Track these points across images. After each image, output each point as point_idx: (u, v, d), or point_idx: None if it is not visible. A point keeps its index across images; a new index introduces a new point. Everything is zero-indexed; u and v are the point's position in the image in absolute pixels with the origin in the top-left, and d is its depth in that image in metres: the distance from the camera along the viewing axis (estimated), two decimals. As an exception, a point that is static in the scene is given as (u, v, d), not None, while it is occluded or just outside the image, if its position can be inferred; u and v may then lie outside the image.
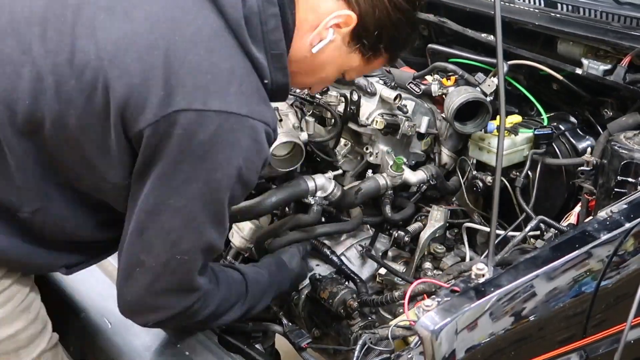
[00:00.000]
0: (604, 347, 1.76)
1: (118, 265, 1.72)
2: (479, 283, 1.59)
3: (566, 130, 2.43)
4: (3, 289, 1.80)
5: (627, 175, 1.98)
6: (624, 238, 1.71)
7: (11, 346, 1.84)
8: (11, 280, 1.81)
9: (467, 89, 2.37)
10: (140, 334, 2.03)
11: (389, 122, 2.39)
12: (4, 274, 1.80)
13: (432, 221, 2.43)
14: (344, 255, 2.43)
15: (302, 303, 2.36)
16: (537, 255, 1.68)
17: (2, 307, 1.80)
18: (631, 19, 2.39)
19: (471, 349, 1.53)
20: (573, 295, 1.67)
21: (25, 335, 1.86)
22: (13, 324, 1.83)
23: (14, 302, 1.82)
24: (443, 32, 2.87)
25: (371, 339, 1.75)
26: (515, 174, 2.38)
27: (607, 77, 2.31)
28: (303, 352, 2.07)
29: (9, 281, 1.81)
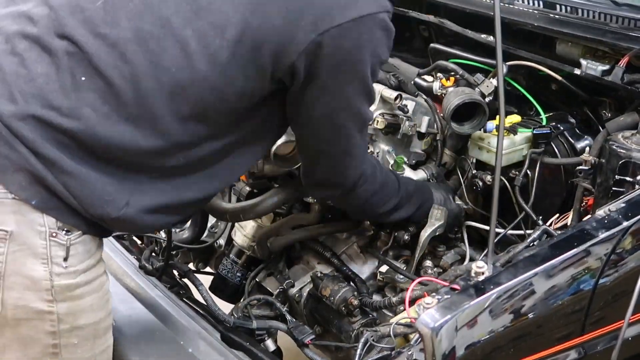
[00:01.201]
0: (602, 344, 1.77)
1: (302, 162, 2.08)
2: (478, 281, 1.60)
3: (565, 130, 2.42)
4: (98, 276, 1.84)
5: (625, 174, 1.98)
6: (622, 236, 1.72)
7: (91, 333, 1.86)
8: (103, 270, 1.87)
9: (464, 90, 2.38)
10: (144, 331, 2.06)
11: (390, 122, 2.40)
12: (98, 261, 1.85)
13: (432, 220, 2.44)
14: (344, 254, 2.45)
15: (303, 301, 2.38)
16: (536, 253, 1.68)
17: (97, 293, 1.84)
18: (629, 20, 2.39)
19: (471, 346, 1.55)
20: (572, 292, 1.68)
21: (103, 325, 1.89)
22: (98, 312, 1.86)
23: (103, 291, 1.87)
24: (443, 32, 2.87)
25: (373, 336, 1.77)
26: (515, 173, 2.38)
27: (605, 77, 2.31)
28: (306, 348, 2.08)
29: (102, 269, 1.87)
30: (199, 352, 1.96)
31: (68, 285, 1.75)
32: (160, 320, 2.08)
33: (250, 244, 2.51)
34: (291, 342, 2.19)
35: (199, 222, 2.66)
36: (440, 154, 2.53)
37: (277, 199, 2.23)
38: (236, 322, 2.17)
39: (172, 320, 2.08)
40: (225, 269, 2.60)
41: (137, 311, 2.13)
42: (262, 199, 2.25)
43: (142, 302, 2.16)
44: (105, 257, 2.26)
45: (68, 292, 1.76)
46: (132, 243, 2.81)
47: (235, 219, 2.30)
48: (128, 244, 2.69)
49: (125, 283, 2.23)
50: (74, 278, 1.76)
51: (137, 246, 2.82)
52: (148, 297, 2.18)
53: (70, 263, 1.74)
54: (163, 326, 2.05)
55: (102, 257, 1.86)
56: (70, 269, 1.75)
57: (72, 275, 1.75)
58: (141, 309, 2.13)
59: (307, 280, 2.40)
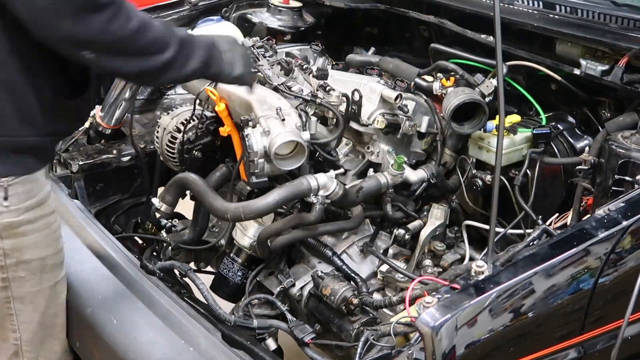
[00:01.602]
0: (602, 343, 1.78)
1: None
2: (478, 280, 1.60)
3: (564, 130, 2.43)
4: (42, 216, 2.00)
5: (625, 174, 1.99)
6: (621, 236, 1.73)
7: (37, 267, 2.04)
8: (49, 211, 2.03)
9: (464, 90, 2.39)
10: (146, 330, 2.06)
11: (390, 122, 2.41)
12: (45, 200, 2.01)
13: (432, 219, 2.46)
14: (345, 253, 2.46)
15: (304, 300, 2.39)
16: (536, 252, 1.69)
17: (41, 231, 2.02)
18: (628, 21, 2.40)
19: (471, 344, 1.55)
20: (571, 292, 1.69)
21: (50, 261, 2.08)
22: (44, 249, 2.05)
23: (50, 230, 2.05)
24: (443, 33, 2.88)
25: (373, 335, 1.78)
26: (514, 172, 2.39)
27: (604, 77, 2.32)
28: (306, 347, 2.09)
29: (47, 211, 2.02)
30: (201, 351, 1.96)
31: (10, 222, 1.94)
32: (161, 319, 2.08)
33: (252, 244, 2.52)
34: (292, 341, 2.20)
35: (200, 222, 2.67)
36: (440, 153, 2.54)
37: (278, 198, 2.22)
38: (237, 321, 2.17)
39: (173, 319, 2.08)
40: (226, 269, 2.61)
41: (139, 310, 2.13)
42: (262, 199, 2.24)
43: (143, 302, 2.16)
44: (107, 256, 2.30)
45: (11, 229, 1.95)
46: (134, 243, 2.83)
47: (236, 218, 2.31)
48: (130, 243, 2.71)
49: (127, 282, 2.24)
50: (17, 216, 1.94)
51: (139, 245, 2.84)
52: (149, 296, 2.18)
53: (11, 202, 1.92)
54: (165, 325, 2.05)
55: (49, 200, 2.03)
56: (12, 207, 1.92)
57: (14, 214, 1.93)
58: (143, 308, 2.13)
59: (307, 280, 2.41)
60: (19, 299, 2.05)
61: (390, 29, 3.22)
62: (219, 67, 2.11)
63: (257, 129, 2.30)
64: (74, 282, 2.24)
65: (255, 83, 2.37)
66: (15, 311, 2.06)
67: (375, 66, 2.79)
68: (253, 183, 2.35)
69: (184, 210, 2.85)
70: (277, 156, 2.29)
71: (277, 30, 3.11)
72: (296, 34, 3.12)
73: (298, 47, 3.00)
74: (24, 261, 2.01)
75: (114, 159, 2.93)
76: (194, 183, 2.46)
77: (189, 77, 2.11)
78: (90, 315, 2.15)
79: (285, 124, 2.32)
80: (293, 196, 2.26)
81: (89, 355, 2.23)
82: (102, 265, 2.28)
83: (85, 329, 2.18)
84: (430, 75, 2.59)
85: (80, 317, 2.18)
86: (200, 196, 2.42)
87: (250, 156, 2.29)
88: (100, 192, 2.95)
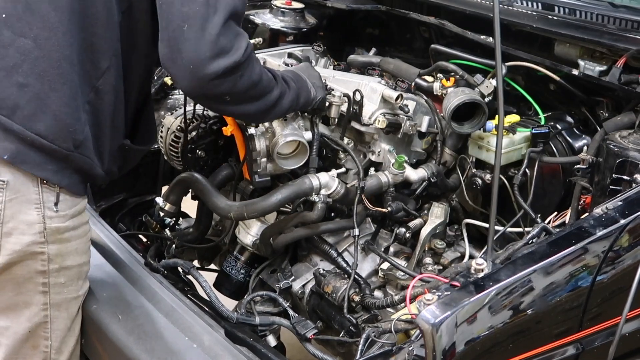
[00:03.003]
0: (600, 340, 1.79)
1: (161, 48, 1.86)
2: (478, 278, 1.62)
3: (563, 130, 2.44)
4: (83, 223, 2.06)
5: (622, 173, 2.00)
6: (619, 234, 1.75)
7: (76, 274, 2.08)
8: (87, 219, 2.09)
9: (464, 90, 2.40)
10: (150, 327, 2.07)
11: (391, 122, 2.42)
12: (84, 208, 2.06)
13: (432, 217, 2.47)
14: (347, 251, 2.47)
15: (306, 297, 2.41)
16: (535, 250, 1.70)
17: (81, 238, 2.06)
18: (626, 22, 2.41)
19: (471, 341, 1.57)
20: (569, 289, 1.70)
21: (85, 269, 2.13)
22: (82, 256, 2.09)
23: (87, 237, 2.10)
24: (443, 34, 2.88)
25: (374, 332, 1.80)
26: (514, 171, 2.40)
27: (602, 77, 2.33)
28: (308, 343, 2.10)
29: (86, 218, 2.08)
30: (204, 348, 1.97)
31: (58, 227, 1.96)
32: (165, 316, 2.09)
33: (253, 241, 2.53)
34: (294, 338, 2.21)
35: (203, 220, 2.68)
36: (440, 153, 2.55)
37: (280, 197, 2.24)
38: (240, 318, 2.19)
39: (177, 316, 2.09)
40: (229, 266, 2.63)
41: (143, 307, 2.14)
42: (265, 198, 2.26)
43: (147, 299, 2.17)
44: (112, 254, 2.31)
45: (58, 234, 1.96)
46: (138, 241, 2.84)
47: (239, 217, 2.32)
48: (134, 241, 2.72)
49: (131, 279, 2.25)
50: (64, 222, 1.97)
51: (143, 244, 2.85)
52: (153, 293, 2.19)
53: (61, 208, 1.95)
54: (169, 322, 2.06)
55: (86, 209, 2.08)
56: (61, 212, 1.95)
57: (62, 219, 1.96)
58: (147, 305, 2.14)
59: (309, 277, 2.43)
60: (56, 305, 2.05)
61: (391, 30, 3.22)
62: (307, 95, 2.28)
63: (260, 129, 2.32)
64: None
65: None
66: (50, 318, 2.06)
67: (377, 67, 2.80)
68: (256, 182, 2.37)
69: (188, 209, 2.86)
70: (280, 155, 2.31)
71: (279, 31, 3.12)
72: (298, 35, 3.13)
73: (300, 47, 3.01)
74: (65, 267, 2.02)
75: (119, 159, 2.95)
76: (198, 182, 2.48)
77: (288, 110, 2.21)
78: (95, 312, 2.16)
79: (287, 123, 2.34)
80: (295, 195, 2.27)
81: (94, 351, 2.23)
82: (107, 263, 2.29)
83: (90, 325, 2.18)
84: (430, 76, 2.60)
85: (85, 314, 2.18)
86: (204, 195, 2.44)
87: (253, 155, 2.31)
88: (105, 191, 2.97)
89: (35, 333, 2.06)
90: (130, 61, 2.02)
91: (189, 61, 1.81)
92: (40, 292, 2.01)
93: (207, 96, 1.96)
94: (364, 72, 2.84)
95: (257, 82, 1.99)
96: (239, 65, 1.86)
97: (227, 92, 1.92)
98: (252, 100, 2.04)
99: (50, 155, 1.89)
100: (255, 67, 1.96)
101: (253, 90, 2.00)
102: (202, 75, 1.83)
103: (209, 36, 1.79)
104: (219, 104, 2.02)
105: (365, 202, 2.37)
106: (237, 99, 1.99)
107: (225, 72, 1.84)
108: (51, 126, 1.86)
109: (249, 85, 1.96)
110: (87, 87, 1.92)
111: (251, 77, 1.95)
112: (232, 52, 1.84)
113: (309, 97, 2.28)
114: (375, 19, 3.25)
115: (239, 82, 1.91)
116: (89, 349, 2.25)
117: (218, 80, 1.85)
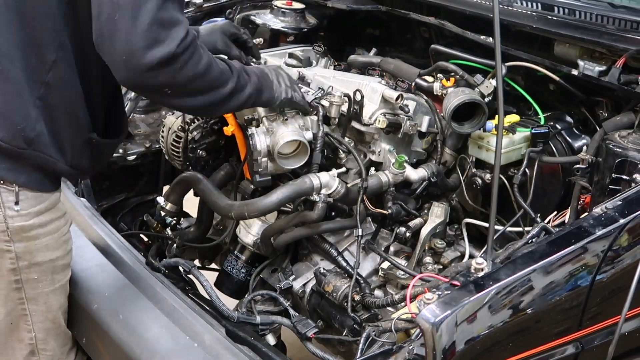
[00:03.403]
0: (599, 339, 1.80)
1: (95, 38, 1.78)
2: (478, 277, 1.63)
3: (562, 129, 2.44)
4: (52, 220, 2.06)
5: (622, 173, 2.01)
6: (618, 233, 1.75)
7: (49, 269, 2.11)
8: (60, 214, 2.09)
9: (464, 91, 2.40)
10: (151, 326, 2.08)
11: (391, 122, 2.42)
12: (55, 204, 2.06)
13: (432, 217, 2.47)
14: (347, 250, 2.48)
15: (306, 297, 2.41)
16: (535, 250, 1.71)
17: (52, 234, 2.07)
18: (625, 22, 2.42)
19: (471, 340, 1.58)
20: (569, 288, 1.71)
21: (60, 263, 2.14)
22: (55, 251, 2.10)
23: (60, 233, 2.10)
24: (443, 34, 2.89)
25: (375, 331, 1.81)
26: (513, 171, 2.40)
27: (602, 78, 2.33)
28: (308, 342, 2.11)
29: (58, 214, 2.08)
30: (205, 347, 1.98)
31: (22, 226, 1.99)
32: (166, 315, 2.10)
33: (254, 241, 2.54)
34: (295, 337, 2.22)
35: (204, 220, 2.69)
36: (440, 152, 2.56)
37: (281, 197, 2.24)
38: (240, 317, 2.20)
39: (178, 315, 2.10)
40: (230, 266, 2.64)
41: (145, 306, 2.15)
42: (265, 197, 2.27)
43: (148, 298, 2.18)
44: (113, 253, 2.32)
45: (23, 233, 2.00)
46: (139, 240, 2.85)
47: (240, 216, 2.33)
48: (135, 241, 2.73)
49: (132, 278, 2.26)
50: (27, 220, 1.99)
51: (144, 243, 2.86)
52: (154, 292, 2.20)
53: (22, 206, 1.97)
54: (170, 321, 2.07)
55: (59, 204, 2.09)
56: (23, 211, 1.98)
57: (25, 218, 1.99)
58: (148, 304, 2.15)
59: (310, 277, 2.43)
60: (32, 300, 2.10)
61: (392, 31, 3.23)
62: (270, 93, 2.21)
63: (261, 129, 2.33)
64: (81, 279, 2.27)
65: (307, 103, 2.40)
66: (29, 312, 2.11)
67: (377, 67, 2.80)
68: (257, 181, 2.38)
69: (189, 209, 2.87)
70: (280, 155, 2.32)
71: (280, 31, 3.12)
72: (299, 35, 3.13)
73: (301, 48, 3.02)
74: (35, 263, 2.06)
75: (120, 158, 2.96)
76: (199, 182, 2.49)
77: (244, 105, 2.14)
78: (96, 312, 2.17)
79: (288, 123, 2.35)
80: (296, 195, 2.27)
81: (96, 350, 2.25)
82: (109, 262, 2.31)
83: (91, 325, 2.20)
84: (430, 76, 2.60)
85: (86, 313, 2.19)
86: (205, 195, 2.45)
87: (254, 155, 2.31)
88: (107, 191, 2.99)
89: (18, 327, 2.14)
90: (83, 52, 1.94)
91: (122, 52, 1.74)
92: (14, 289, 2.07)
93: (144, 88, 1.88)
94: (364, 72, 2.84)
95: (202, 74, 1.89)
96: (174, 56, 1.77)
97: (166, 84, 1.83)
98: (197, 94, 1.94)
99: (2, 154, 1.90)
100: (201, 59, 1.87)
101: (197, 83, 1.90)
102: (136, 66, 1.75)
103: (141, 25, 1.71)
104: (159, 96, 1.93)
105: (367, 203, 2.37)
106: (178, 92, 1.90)
107: (161, 63, 1.76)
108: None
109: (190, 78, 1.86)
110: (35, 83, 1.89)
111: (194, 69, 1.85)
112: (167, 42, 1.75)
113: (272, 95, 2.23)
114: (375, 20, 3.25)
115: (178, 74, 1.82)
116: (90, 348, 2.27)
117: (154, 71, 1.76)
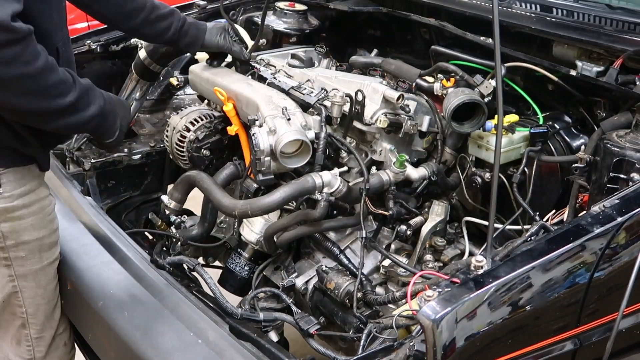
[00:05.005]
0: (597, 335, 1.82)
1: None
2: (477, 274, 1.64)
3: (561, 129, 2.46)
4: (36, 200, 2.16)
5: (619, 172, 2.03)
6: (616, 231, 1.77)
7: (36, 247, 2.21)
8: (44, 195, 2.19)
9: (464, 91, 2.42)
10: (155, 323, 2.09)
11: (392, 121, 2.44)
12: (39, 185, 2.16)
13: (433, 215, 2.49)
14: (349, 248, 2.50)
15: (309, 294, 2.43)
16: (534, 247, 1.72)
17: (37, 215, 2.17)
18: (623, 23, 2.43)
19: (470, 337, 1.59)
20: (567, 286, 1.73)
21: (47, 241, 2.24)
22: (40, 230, 2.20)
23: (45, 213, 2.20)
24: (443, 35, 2.91)
25: (376, 328, 1.82)
26: (513, 170, 2.41)
27: (600, 78, 2.35)
28: (311, 338, 2.12)
29: (42, 195, 2.18)
30: (209, 343, 1.98)
31: (6, 208, 2.09)
32: (171, 312, 2.11)
33: (259, 239, 2.56)
34: (297, 334, 2.22)
35: (208, 218, 2.70)
36: (440, 152, 2.58)
37: (284, 195, 2.26)
38: (244, 314, 2.20)
39: (182, 312, 2.10)
40: (233, 263, 2.66)
41: (149, 304, 2.16)
42: (268, 196, 2.28)
43: (153, 295, 2.19)
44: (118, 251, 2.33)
45: (7, 213, 2.10)
46: (144, 238, 2.87)
47: (243, 215, 2.34)
48: (140, 239, 2.75)
49: (137, 276, 2.27)
50: (12, 202, 2.09)
51: (149, 241, 2.88)
52: (158, 290, 2.21)
53: (5, 189, 2.06)
54: (174, 318, 2.08)
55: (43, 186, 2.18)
56: (6, 194, 2.07)
57: (9, 199, 2.08)
58: (153, 301, 2.16)
59: (312, 274, 2.45)
60: (22, 276, 2.22)
61: (393, 32, 3.24)
62: (113, 121, 2.21)
63: (264, 128, 2.34)
64: (86, 276, 2.29)
65: None
66: (19, 288, 2.23)
67: (378, 67, 2.82)
68: (260, 180, 2.40)
69: (193, 207, 2.89)
70: (283, 154, 2.33)
71: (283, 32, 3.14)
72: (301, 36, 3.15)
73: (303, 48, 3.03)
74: (22, 242, 2.17)
75: (125, 157, 2.99)
76: (203, 181, 2.51)
77: (85, 125, 2.07)
78: (102, 309, 2.18)
79: (291, 123, 2.36)
80: (298, 193, 2.29)
81: (101, 347, 2.26)
82: (114, 260, 2.32)
83: (97, 321, 2.21)
84: (431, 76, 2.62)
85: (92, 310, 2.20)
86: (209, 193, 2.46)
87: (257, 154, 2.33)
88: (112, 189, 3.02)
89: (10, 302, 2.25)
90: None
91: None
92: (3, 266, 2.19)
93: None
94: (365, 73, 2.86)
95: (34, 76, 1.82)
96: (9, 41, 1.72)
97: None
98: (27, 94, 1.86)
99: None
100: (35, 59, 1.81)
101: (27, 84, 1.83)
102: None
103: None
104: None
105: (368, 203, 2.39)
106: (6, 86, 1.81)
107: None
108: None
109: (19, 75, 1.79)
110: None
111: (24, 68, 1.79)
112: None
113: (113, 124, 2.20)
114: (376, 21, 3.27)
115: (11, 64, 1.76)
116: (95, 344, 2.29)
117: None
